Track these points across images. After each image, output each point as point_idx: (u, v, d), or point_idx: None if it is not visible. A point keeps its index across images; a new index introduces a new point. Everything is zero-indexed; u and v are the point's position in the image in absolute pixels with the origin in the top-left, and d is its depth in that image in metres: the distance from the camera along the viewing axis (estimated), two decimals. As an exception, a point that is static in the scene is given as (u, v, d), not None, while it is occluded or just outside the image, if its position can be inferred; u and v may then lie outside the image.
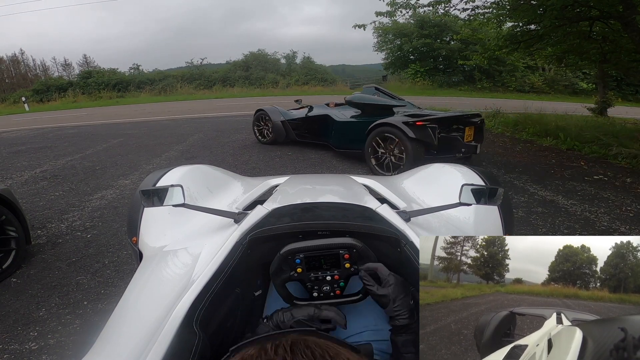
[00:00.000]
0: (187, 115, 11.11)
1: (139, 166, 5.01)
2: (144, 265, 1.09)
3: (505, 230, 1.33)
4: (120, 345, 0.72)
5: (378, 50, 25.37)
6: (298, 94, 12.43)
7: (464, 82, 22.51)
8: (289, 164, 4.98)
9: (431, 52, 23.03)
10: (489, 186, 1.18)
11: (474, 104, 14.24)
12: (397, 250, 0.92)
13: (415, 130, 3.93)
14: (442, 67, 23.76)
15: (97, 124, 10.20)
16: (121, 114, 12.38)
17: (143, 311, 0.82)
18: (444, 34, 23.13)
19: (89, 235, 2.99)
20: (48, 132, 9.04)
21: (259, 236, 0.93)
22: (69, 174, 4.81)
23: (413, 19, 23.48)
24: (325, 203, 1.13)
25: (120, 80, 22.55)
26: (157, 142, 6.81)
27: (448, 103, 12.13)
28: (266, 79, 22.37)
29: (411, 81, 22.52)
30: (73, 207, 3.61)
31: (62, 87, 21.89)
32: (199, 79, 22.61)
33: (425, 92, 19.90)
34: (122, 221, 3.20)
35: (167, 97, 20.03)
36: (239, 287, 0.90)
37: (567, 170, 4.70)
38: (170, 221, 1.28)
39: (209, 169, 1.81)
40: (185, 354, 0.61)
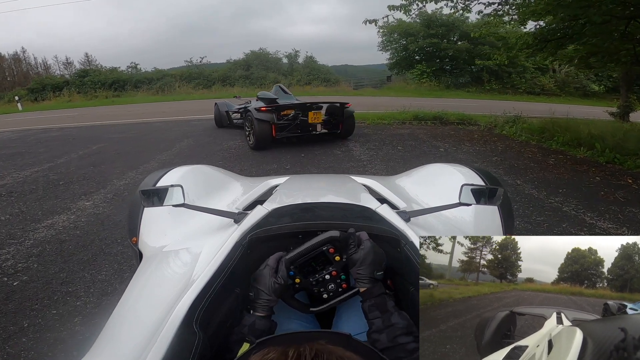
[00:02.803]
0: (181, 117, 10.34)
1: (107, 182, 4.23)
2: (144, 266, 1.08)
3: (505, 230, 1.31)
4: (120, 345, 0.71)
5: (383, 50, 24.56)
6: (300, 95, 11.68)
7: (472, 83, 21.65)
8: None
9: (438, 52, 22.19)
10: (489, 186, 1.19)
11: (484, 106, 13.43)
12: (397, 250, 0.91)
13: (260, 113, 5.58)
14: (448, 68, 22.91)
15: (85, 126, 9.51)
16: (113, 115, 11.65)
17: (143, 311, 0.81)
18: (451, 33, 22.28)
19: (15, 283, 2.24)
20: (30, 134, 8.36)
21: (259, 236, 0.93)
22: (28, 190, 4.05)
23: (420, 18, 22.69)
24: (325, 203, 1.13)
25: (117, 79, 21.78)
26: (140, 149, 6.04)
27: (456, 105, 11.32)
28: (267, 78, 21.52)
29: (417, 82, 21.66)
30: (12, 239, 2.84)
31: (58, 86, 21.16)
32: (198, 79, 21.82)
33: (432, 93, 19.08)
34: (64, 263, 2.46)
35: (164, 97, 19.30)
36: (239, 287, 0.87)
37: (617, 192, 3.90)
38: (170, 221, 1.26)
39: (209, 169, 1.80)
40: (185, 354, 0.60)
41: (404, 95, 18.30)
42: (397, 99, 15.96)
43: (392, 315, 0.75)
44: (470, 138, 6.87)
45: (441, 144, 6.24)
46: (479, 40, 20.93)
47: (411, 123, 8.55)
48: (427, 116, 8.76)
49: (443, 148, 5.91)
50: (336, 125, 6.31)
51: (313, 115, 5.87)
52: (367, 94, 19.08)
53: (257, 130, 5.52)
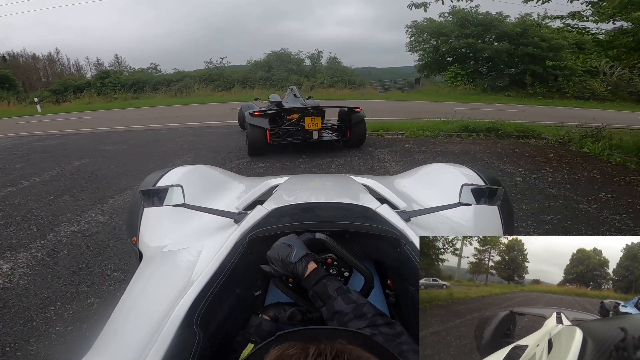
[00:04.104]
0: (191, 124, 9.20)
1: (53, 227, 2.95)
2: (144, 266, 1.07)
3: (505, 230, 1.28)
4: (121, 345, 0.70)
5: (411, 50, 22.86)
6: (323, 98, 10.40)
7: (511, 86, 19.60)
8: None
9: (473, 53, 20.27)
10: (489, 186, 1.21)
11: (533, 113, 11.62)
12: (397, 250, 0.90)
13: (253, 118, 5.13)
14: (485, 70, 20.93)
15: (87, 133, 8.59)
16: (123, 120, 10.77)
17: (143, 311, 0.80)
18: (487, 33, 20.30)
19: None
20: (26, 143, 7.45)
21: (259, 236, 0.92)
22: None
23: (452, 17, 20.89)
24: (325, 203, 1.13)
25: (137, 80, 21.16)
26: (124, 169, 4.82)
27: (500, 112, 9.62)
28: (289, 80, 20.24)
29: (450, 85, 19.83)
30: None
31: (80, 88, 20.76)
32: (218, 80, 20.86)
33: (468, 97, 17.27)
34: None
35: (182, 99, 18.48)
36: (239, 287, 0.87)
37: None
38: (170, 221, 1.24)
39: (209, 169, 1.78)
40: (185, 354, 0.59)
41: (436, 100, 16.63)
42: (430, 104, 14.35)
43: (335, 301, 0.72)
44: (545, 159, 5.27)
45: (513, 169, 4.69)
46: (521, 41, 19.02)
47: (460, 136, 6.99)
48: (478, 127, 7.17)
49: (519, 176, 4.37)
50: (343, 132, 5.64)
51: (310, 121, 5.25)
52: (396, 98, 17.50)
53: (250, 135, 5.18)
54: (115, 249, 2.55)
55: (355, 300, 0.72)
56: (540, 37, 18.53)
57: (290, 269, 0.77)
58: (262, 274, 0.90)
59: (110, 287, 2.09)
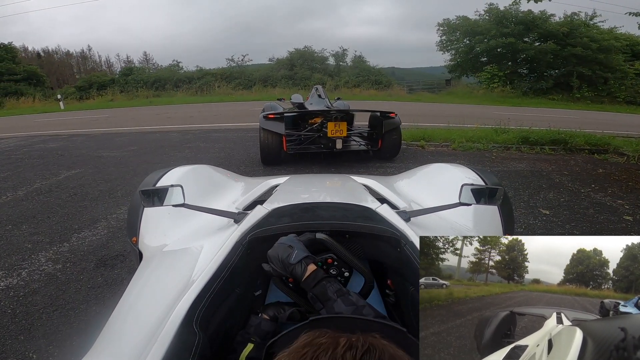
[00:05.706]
0: (206, 126, 8.68)
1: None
2: (144, 265, 1.08)
3: (505, 230, 1.29)
4: (120, 345, 0.71)
5: (442, 50, 21.38)
6: (348, 99, 9.44)
7: (555, 89, 17.78)
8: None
9: (512, 53, 18.59)
10: (489, 186, 1.19)
11: (587, 119, 10.15)
12: (397, 250, 0.91)
13: (267, 122, 4.44)
14: (525, 72, 19.14)
15: (94, 134, 8.33)
16: (137, 119, 10.57)
17: (143, 311, 0.81)
18: (529, 32, 18.52)
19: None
20: (29, 144, 7.10)
21: (259, 236, 0.93)
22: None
23: (489, 15, 19.23)
24: (325, 203, 1.13)
25: (159, 78, 20.85)
26: (109, 187, 4.10)
27: (547, 118, 8.29)
28: (312, 79, 19.42)
29: (486, 87, 18.22)
30: None
31: (103, 85, 20.63)
32: (239, 78, 20.17)
33: (507, 100, 15.74)
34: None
35: (202, 97, 18.07)
36: (239, 287, 0.88)
37: None
38: (170, 221, 1.25)
39: (209, 169, 1.80)
40: (185, 354, 0.60)
41: (471, 102, 15.36)
42: (466, 107, 13.16)
43: (335, 303, 0.73)
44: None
45: (611, 201, 3.60)
46: (567, 42, 17.20)
47: (519, 149, 5.78)
48: (541, 138, 5.91)
49: (627, 213, 3.19)
50: (374, 141, 4.92)
51: (333, 127, 4.49)
52: (426, 100, 16.28)
53: (263, 142, 4.56)
54: (49, 324, 1.64)
55: (354, 302, 0.72)
56: (589, 38, 16.70)
57: (289, 270, 0.77)
58: (262, 273, 0.91)
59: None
